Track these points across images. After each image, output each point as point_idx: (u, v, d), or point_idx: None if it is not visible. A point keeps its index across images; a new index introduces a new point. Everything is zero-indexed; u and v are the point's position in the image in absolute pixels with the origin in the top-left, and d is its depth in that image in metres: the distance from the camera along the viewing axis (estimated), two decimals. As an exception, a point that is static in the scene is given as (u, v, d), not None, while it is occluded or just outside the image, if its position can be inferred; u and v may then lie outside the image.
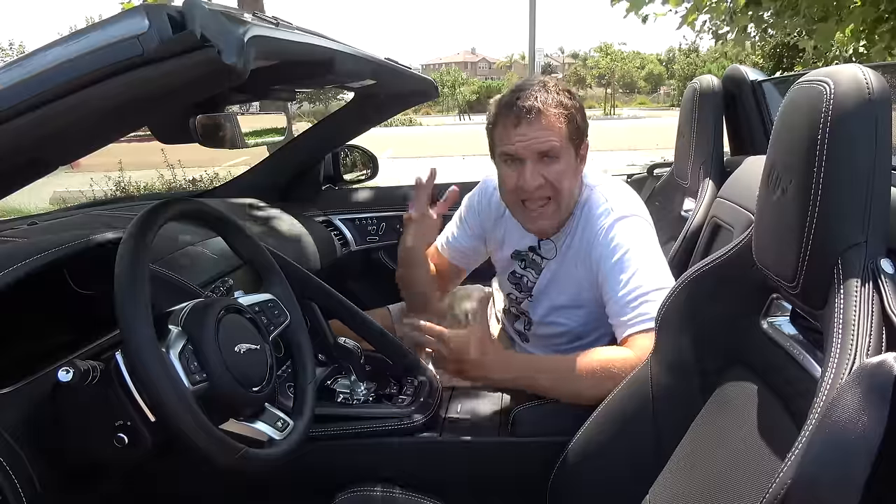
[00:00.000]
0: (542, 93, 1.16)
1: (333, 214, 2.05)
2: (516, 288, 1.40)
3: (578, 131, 1.18)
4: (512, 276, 1.39)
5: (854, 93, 0.59)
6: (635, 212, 1.22)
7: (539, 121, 1.15)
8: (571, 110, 1.17)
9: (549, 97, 1.16)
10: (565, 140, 1.16)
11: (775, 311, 0.78)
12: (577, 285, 1.26)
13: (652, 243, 1.19)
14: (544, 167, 1.17)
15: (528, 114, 1.15)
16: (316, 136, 1.98)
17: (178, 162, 6.84)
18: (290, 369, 1.07)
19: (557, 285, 1.30)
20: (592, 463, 0.99)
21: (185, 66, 0.60)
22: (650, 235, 1.21)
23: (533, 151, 1.16)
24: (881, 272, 0.60)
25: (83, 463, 0.84)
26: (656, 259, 1.17)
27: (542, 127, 1.15)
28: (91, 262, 0.99)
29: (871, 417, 0.48)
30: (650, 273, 1.13)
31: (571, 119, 1.17)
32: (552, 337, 1.36)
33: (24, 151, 0.67)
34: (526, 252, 1.35)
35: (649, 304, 1.09)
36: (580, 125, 1.19)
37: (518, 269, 1.38)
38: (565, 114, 1.16)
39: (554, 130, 1.15)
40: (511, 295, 1.43)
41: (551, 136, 1.15)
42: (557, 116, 1.15)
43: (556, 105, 1.15)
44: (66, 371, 0.75)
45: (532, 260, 1.35)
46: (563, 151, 1.17)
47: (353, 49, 1.05)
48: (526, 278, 1.36)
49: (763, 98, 1.71)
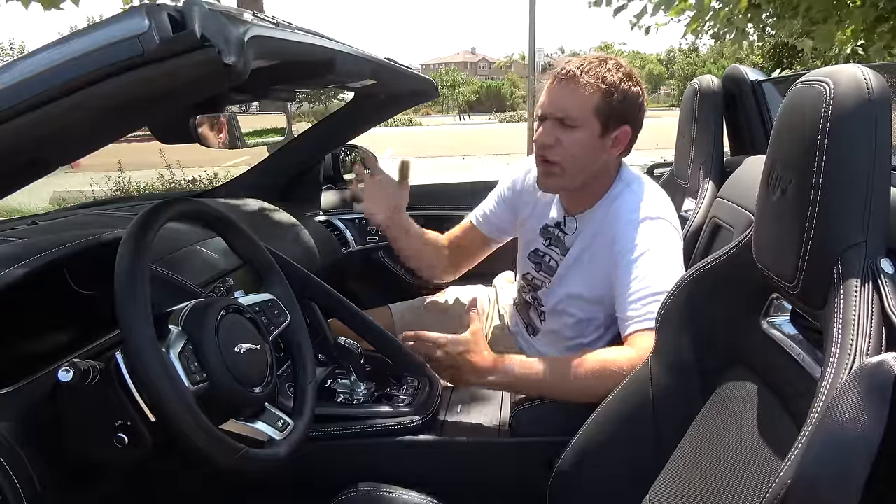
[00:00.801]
0: (590, 64, 1.18)
1: (333, 214, 2.06)
2: (535, 267, 1.39)
3: (611, 109, 1.17)
4: (534, 255, 1.39)
5: (854, 93, 0.59)
6: (665, 216, 1.22)
7: (569, 85, 1.17)
8: (612, 87, 1.16)
9: (593, 68, 1.17)
10: (590, 112, 1.17)
11: (775, 311, 0.78)
12: (595, 276, 1.26)
13: (674, 248, 1.19)
14: (562, 131, 1.18)
15: (563, 76, 1.18)
16: (316, 136, 1.98)
17: (177, 162, 6.85)
18: (290, 369, 1.07)
19: (577, 271, 1.29)
20: (592, 463, 0.99)
21: (185, 66, 0.60)
22: (674, 241, 1.20)
23: (553, 110, 1.19)
24: (881, 272, 0.60)
25: (83, 463, 0.84)
26: (674, 264, 1.16)
27: (569, 92, 1.17)
28: (91, 262, 0.99)
29: (871, 417, 0.48)
30: (665, 275, 1.12)
31: (607, 94, 1.16)
32: (561, 330, 1.36)
33: (24, 151, 0.67)
34: (553, 228, 1.36)
35: (655, 304, 1.09)
36: (616, 105, 1.17)
37: (542, 247, 1.38)
38: (601, 88, 1.16)
39: (579, 97, 1.16)
40: (528, 276, 1.42)
41: (574, 100, 1.16)
42: (590, 87, 1.16)
43: (596, 77, 1.16)
44: (66, 371, 0.75)
45: (557, 238, 1.35)
46: (582, 121, 1.17)
47: (353, 49, 1.05)
48: (549, 257, 1.36)
49: (763, 98, 1.71)
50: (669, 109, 33.64)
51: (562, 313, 1.34)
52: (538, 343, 1.43)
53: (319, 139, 1.98)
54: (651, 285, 1.12)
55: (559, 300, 1.34)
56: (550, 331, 1.39)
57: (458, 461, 1.15)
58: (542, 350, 1.41)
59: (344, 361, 1.21)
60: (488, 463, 1.15)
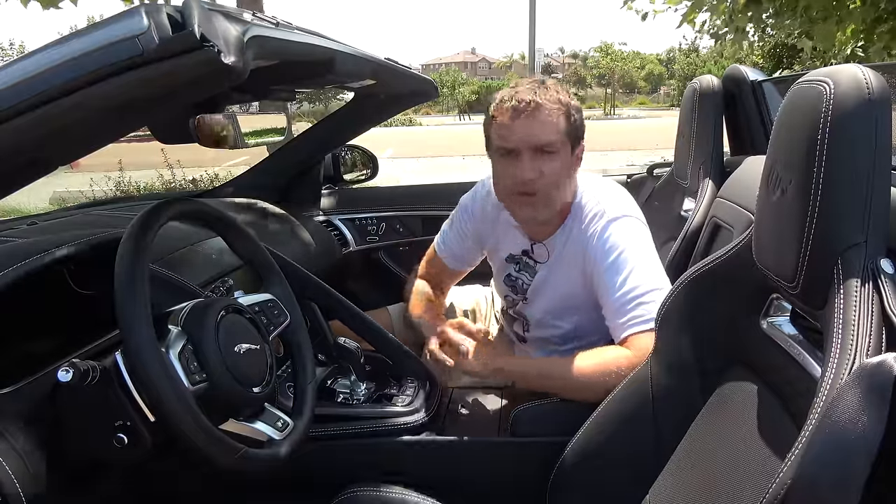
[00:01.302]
0: (541, 89, 1.17)
1: (333, 214, 2.05)
2: (512, 290, 1.40)
3: (575, 129, 1.18)
4: (507, 279, 1.40)
5: (854, 93, 0.59)
6: (627, 212, 1.22)
7: (536, 114, 1.15)
8: (569, 108, 1.17)
9: (547, 93, 1.16)
10: (563, 135, 1.16)
11: (775, 311, 0.78)
12: (571, 287, 1.26)
13: (645, 243, 1.19)
14: (541, 161, 1.16)
15: (526, 107, 1.15)
16: (316, 136, 1.98)
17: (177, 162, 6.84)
18: (290, 369, 1.07)
19: (551, 287, 1.30)
20: (592, 463, 0.99)
21: (184, 66, 0.60)
22: (644, 235, 1.20)
23: (530, 145, 1.16)
24: (881, 272, 0.60)
25: (83, 463, 0.84)
26: (650, 259, 1.17)
27: (540, 121, 1.15)
28: (91, 262, 0.99)
29: (871, 417, 0.48)
30: (645, 274, 1.13)
31: (569, 116, 1.17)
32: (549, 339, 1.36)
33: (24, 151, 0.67)
34: (519, 256, 1.36)
35: (645, 306, 1.09)
36: (577, 124, 1.18)
37: (513, 272, 1.38)
38: (563, 110, 1.16)
39: (551, 125, 1.15)
40: (507, 297, 1.43)
41: (549, 129, 1.15)
42: (555, 111, 1.15)
43: (555, 101, 1.16)
44: (66, 371, 0.75)
45: (525, 263, 1.35)
46: (560, 146, 1.17)
47: (353, 49, 1.05)
48: (521, 280, 1.37)
49: (763, 98, 1.71)
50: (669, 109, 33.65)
51: (545, 326, 1.35)
52: (528, 349, 1.43)
53: (319, 139, 1.97)
54: (634, 288, 1.12)
55: (541, 315, 1.35)
56: (537, 339, 1.40)
57: (458, 461, 1.15)
58: (534, 355, 1.41)
59: (344, 361, 1.21)
60: (488, 463, 1.15)
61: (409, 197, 2.13)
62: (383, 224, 2.07)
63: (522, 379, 1.18)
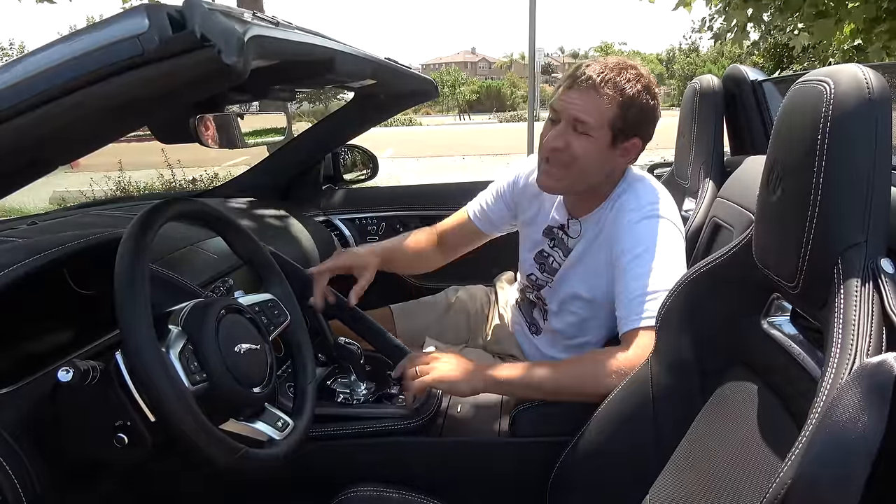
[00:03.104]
0: (611, 72, 1.16)
1: (333, 214, 2.05)
2: (540, 268, 1.39)
3: (625, 123, 1.16)
4: (539, 256, 1.40)
5: (854, 93, 0.59)
6: (666, 215, 1.21)
7: (588, 91, 1.15)
8: (629, 101, 1.15)
9: (613, 77, 1.15)
10: (605, 122, 1.15)
11: (775, 311, 0.78)
12: (596, 275, 1.26)
13: (675, 247, 1.18)
14: (573, 136, 1.16)
15: (582, 81, 1.15)
16: (316, 136, 1.98)
17: (178, 162, 6.85)
18: (290, 369, 1.07)
19: (580, 271, 1.29)
20: (592, 463, 0.99)
21: (185, 66, 0.60)
22: (676, 239, 1.19)
23: (568, 115, 1.16)
24: (881, 272, 0.60)
25: (83, 463, 0.84)
26: (675, 263, 1.16)
27: (587, 99, 1.15)
28: (91, 262, 0.99)
29: (872, 417, 0.48)
30: (665, 274, 1.12)
31: (623, 107, 1.15)
32: (564, 329, 1.36)
33: (24, 151, 0.67)
34: (556, 230, 1.36)
35: (656, 303, 1.08)
36: (631, 119, 1.16)
37: (546, 248, 1.38)
38: (619, 100, 1.14)
39: (596, 106, 1.14)
40: (532, 276, 1.42)
41: (591, 109, 1.15)
42: (608, 98, 1.14)
43: (615, 88, 1.14)
44: (66, 371, 0.75)
45: (560, 239, 1.35)
46: (596, 130, 1.16)
47: (353, 49, 1.05)
48: (552, 258, 1.37)
49: (763, 98, 1.71)
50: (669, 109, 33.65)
51: (565, 313, 1.34)
52: (539, 342, 1.43)
53: (319, 139, 1.98)
54: (648, 284, 1.12)
55: (562, 300, 1.34)
56: (553, 329, 1.39)
57: (458, 461, 1.15)
58: (543, 349, 1.41)
59: (344, 361, 1.21)
60: (488, 463, 1.15)
61: (409, 197, 2.13)
62: (383, 224, 2.07)
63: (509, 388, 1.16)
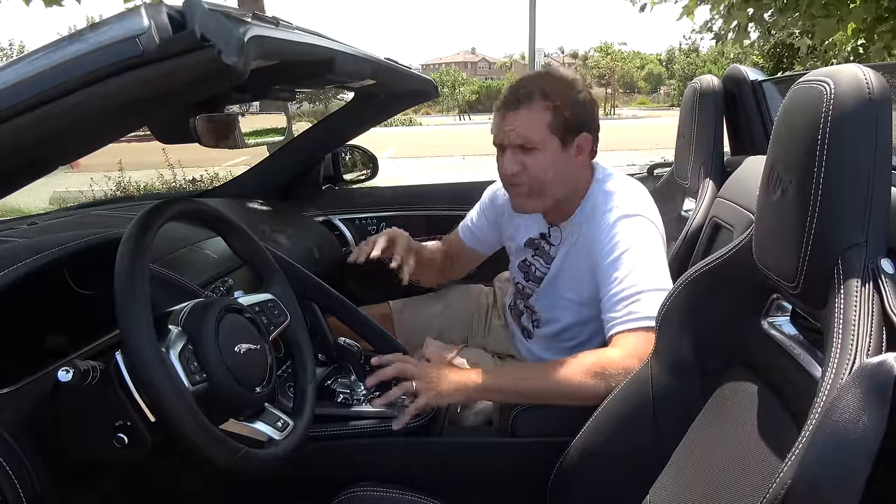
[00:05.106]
0: (534, 82, 1.18)
1: (333, 214, 2.05)
2: (524, 277, 1.40)
3: (566, 123, 1.18)
4: (522, 264, 1.41)
5: (854, 93, 0.59)
6: (641, 211, 1.21)
7: (519, 111, 1.17)
8: (560, 103, 1.17)
9: (536, 87, 1.17)
10: (546, 130, 1.17)
11: (775, 311, 0.78)
12: (581, 280, 1.26)
13: (653, 244, 1.18)
14: (524, 155, 1.19)
15: (511, 105, 1.18)
16: (316, 136, 1.98)
17: (178, 162, 6.85)
18: (290, 369, 1.07)
19: (563, 277, 1.30)
20: (592, 463, 0.99)
21: (184, 66, 0.60)
22: (653, 236, 1.19)
23: (511, 140, 1.19)
24: (881, 272, 0.60)
25: (83, 463, 0.84)
26: (655, 260, 1.16)
27: (521, 118, 1.17)
28: (91, 262, 0.99)
29: (872, 417, 0.48)
30: (645, 273, 1.12)
31: (557, 111, 1.17)
32: (556, 335, 1.36)
33: (24, 151, 0.67)
34: (538, 239, 1.37)
35: (639, 304, 1.08)
36: (569, 117, 1.18)
37: (529, 258, 1.39)
38: (551, 105, 1.16)
39: (532, 120, 1.17)
40: (519, 285, 1.43)
41: (528, 126, 1.17)
42: (540, 106, 1.16)
43: (542, 95, 1.16)
44: (66, 371, 0.75)
45: (541, 247, 1.36)
46: (542, 142, 1.17)
47: (353, 49, 1.05)
48: (534, 267, 1.37)
49: (763, 98, 1.71)
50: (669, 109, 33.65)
51: (554, 319, 1.35)
52: (533, 346, 1.43)
53: (319, 139, 1.98)
54: (631, 285, 1.11)
55: (549, 307, 1.35)
56: (544, 335, 1.39)
57: (458, 461, 1.15)
58: (538, 352, 1.41)
59: (344, 361, 1.21)
60: (488, 463, 1.15)
61: (409, 197, 2.13)
62: (383, 224, 2.07)
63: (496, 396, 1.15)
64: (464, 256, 1.60)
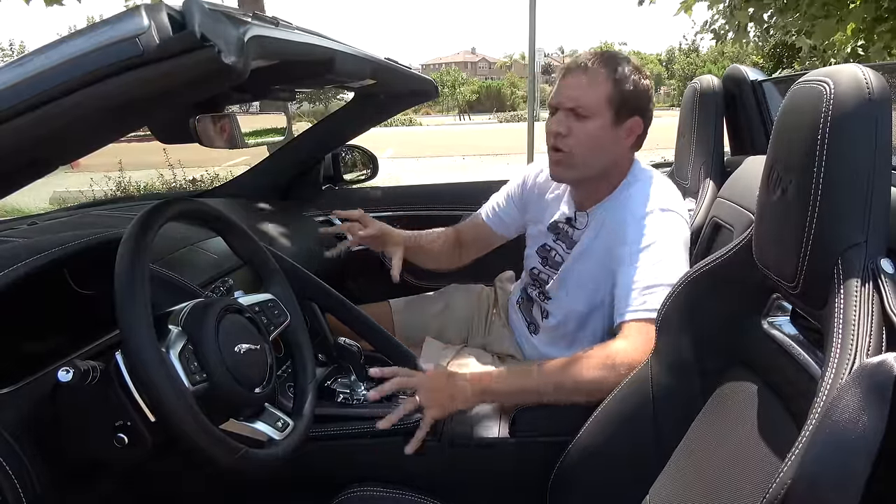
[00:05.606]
0: (601, 56, 1.19)
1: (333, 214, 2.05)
2: (542, 262, 1.40)
3: (623, 99, 1.18)
4: (542, 249, 1.41)
5: (854, 93, 0.59)
6: (675, 209, 1.21)
7: (580, 76, 1.18)
8: (622, 77, 1.18)
9: (603, 59, 1.18)
10: (602, 101, 1.17)
11: (775, 311, 0.79)
12: (599, 269, 1.26)
13: (680, 242, 1.19)
14: (574, 121, 1.19)
15: (574, 68, 1.19)
16: (316, 136, 1.98)
17: (178, 162, 6.85)
18: (290, 369, 1.07)
19: (584, 264, 1.29)
20: (592, 463, 0.99)
21: (184, 66, 0.60)
22: (681, 233, 1.20)
23: (564, 102, 1.20)
24: (881, 272, 0.60)
25: (83, 463, 0.84)
26: (679, 257, 1.16)
27: (581, 83, 1.18)
28: (91, 262, 0.99)
29: (872, 417, 0.48)
30: (669, 268, 1.12)
31: (618, 84, 1.18)
32: (564, 325, 1.36)
33: (24, 151, 0.67)
34: (563, 223, 1.36)
35: (655, 297, 1.08)
36: (628, 95, 1.18)
37: (550, 242, 1.39)
38: (612, 77, 1.17)
39: (591, 88, 1.17)
40: (535, 270, 1.43)
41: (586, 91, 1.17)
42: (602, 76, 1.17)
43: (605, 66, 1.18)
44: (66, 371, 0.75)
45: (565, 232, 1.35)
46: (594, 111, 1.18)
47: (353, 49, 1.05)
48: (555, 252, 1.37)
49: (763, 98, 1.71)
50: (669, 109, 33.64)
51: (566, 309, 1.34)
52: (538, 341, 1.43)
53: (319, 139, 1.97)
54: (649, 277, 1.12)
55: (564, 294, 1.34)
56: (552, 327, 1.39)
57: (458, 461, 1.15)
58: (542, 348, 1.41)
59: (344, 361, 1.21)
60: (488, 463, 1.15)
61: (408, 197, 2.13)
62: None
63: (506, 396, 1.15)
64: (480, 241, 1.61)
